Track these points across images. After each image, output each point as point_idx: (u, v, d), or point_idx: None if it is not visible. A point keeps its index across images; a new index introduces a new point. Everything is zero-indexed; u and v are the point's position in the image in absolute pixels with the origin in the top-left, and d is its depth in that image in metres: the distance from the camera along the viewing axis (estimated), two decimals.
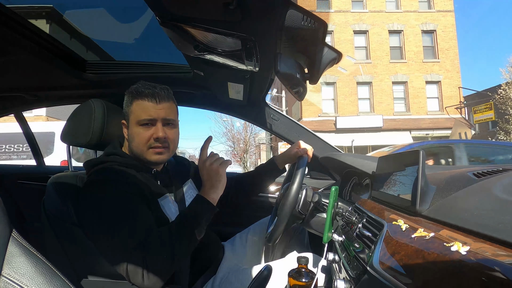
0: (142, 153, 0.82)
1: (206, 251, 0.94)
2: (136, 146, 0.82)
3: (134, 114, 0.81)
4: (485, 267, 0.33)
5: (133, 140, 0.82)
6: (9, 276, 0.38)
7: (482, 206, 0.45)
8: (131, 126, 0.82)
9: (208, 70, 1.03)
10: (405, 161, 0.69)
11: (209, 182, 0.81)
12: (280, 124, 1.45)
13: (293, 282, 0.70)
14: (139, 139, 0.81)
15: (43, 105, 1.56)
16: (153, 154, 0.82)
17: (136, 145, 0.82)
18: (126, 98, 0.84)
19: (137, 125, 0.81)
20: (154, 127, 0.81)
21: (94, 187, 0.76)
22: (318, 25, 0.59)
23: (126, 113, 0.84)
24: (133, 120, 0.82)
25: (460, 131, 8.43)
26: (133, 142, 0.82)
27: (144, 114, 0.80)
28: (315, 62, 0.71)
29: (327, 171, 1.48)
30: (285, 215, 0.84)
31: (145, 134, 0.80)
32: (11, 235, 0.41)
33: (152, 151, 0.82)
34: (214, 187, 0.81)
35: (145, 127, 0.81)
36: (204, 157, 0.84)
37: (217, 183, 0.81)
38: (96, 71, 1.24)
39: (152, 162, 0.84)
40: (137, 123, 0.81)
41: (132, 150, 0.84)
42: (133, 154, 0.84)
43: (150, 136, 0.81)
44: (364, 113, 13.57)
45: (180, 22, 0.68)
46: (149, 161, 0.83)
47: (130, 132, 0.83)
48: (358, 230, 0.68)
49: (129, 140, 0.84)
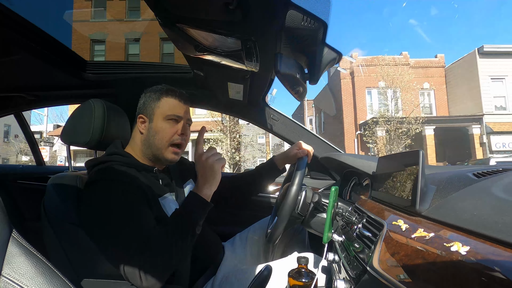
0: (161, 148, 0.85)
1: (206, 251, 0.94)
2: (158, 140, 0.85)
3: (162, 109, 0.85)
4: (485, 267, 0.33)
5: (157, 133, 0.85)
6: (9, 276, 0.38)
7: (482, 206, 0.45)
8: (156, 120, 0.85)
9: (208, 70, 1.03)
10: (405, 161, 0.69)
11: (204, 177, 0.79)
12: (280, 124, 1.45)
13: (293, 282, 0.70)
14: (164, 133, 0.84)
15: (43, 105, 1.56)
16: (171, 153, 0.86)
17: (159, 139, 0.84)
18: (151, 95, 0.88)
19: (164, 120, 0.85)
20: (179, 123, 0.87)
21: (95, 186, 0.76)
22: (318, 25, 0.59)
23: (149, 108, 0.87)
24: (159, 115, 0.85)
25: None
26: (156, 135, 0.85)
27: (173, 110, 0.86)
28: (315, 62, 0.71)
29: (327, 171, 1.48)
30: (285, 216, 0.84)
31: (170, 129, 0.85)
32: (11, 235, 0.41)
33: (171, 149, 0.86)
34: (208, 182, 0.79)
35: (172, 122, 0.86)
36: (200, 150, 0.82)
37: (211, 179, 0.79)
38: (96, 71, 1.24)
39: (168, 160, 0.87)
40: (165, 118, 0.85)
41: (151, 144, 0.86)
42: (150, 148, 0.86)
43: (175, 131, 0.85)
44: None
45: (180, 22, 0.68)
46: (165, 159, 0.86)
47: (154, 126, 0.85)
48: (358, 230, 0.68)
49: (150, 134, 0.86)
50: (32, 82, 1.30)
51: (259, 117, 1.45)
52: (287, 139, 1.46)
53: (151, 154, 0.87)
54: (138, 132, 0.88)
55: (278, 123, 1.45)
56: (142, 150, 0.88)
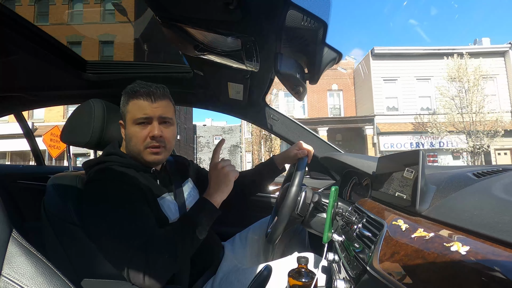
0: (139, 153, 0.82)
1: (206, 251, 0.94)
2: (133, 146, 0.82)
3: (130, 113, 0.81)
4: (485, 267, 0.33)
5: (130, 139, 0.82)
6: (9, 276, 0.38)
7: (482, 206, 0.45)
8: (128, 125, 0.82)
9: (208, 70, 1.03)
10: (405, 161, 0.69)
11: (216, 185, 0.80)
12: (280, 124, 1.45)
13: (293, 282, 0.70)
14: (136, 139, 0.81)
15: (43, 105, 1.56)
16: (150, 154, 0.82)
17: (134, 144, 0.82)
18: (123, 98, 0.84)
19: (134, 124, 0.81)
20: (150, 125, 0.81)
21: (94, 186, 0.76)
22: (318, 25, 0.59)
23: (123, 113, 0.84)
24: (129, 120, 0.82)
25: None
26: (131, 141, 0.82)
27: (139, 113, 0.80)
28: (315, 62, 0.70)
29: (327, 171, 1.48)
30: (285, 217, 0.84)
31: (141, 133, 0.80)
32: (11, 235, 0.41)
33: (149, 151, 0.82)
34: (220, 190, 0.80)
35: (142, 126, 0.81)
36: (216, 159, 0.83)
37: (224, 186, 0.80)
38: (96, 71, 1.24)
39: (149, 163, 0.84)
40: (134, 122, 0.81)
41: (130, 150, 0.84)
42: (131, 154, 0.84)
43: (147, 135, 0.81)
44: None
45: (180, 22, 0.68)
46: (146, 162, 0.84)
47: (127, 132, 0.83)
48: (358, 230, 0.68)
49: (127, 140, 0.84)
50: (32, 82, 1.30)
51: (259, 117, 1.45)
52: (287, 139, 1.46)
53: (135, 158, 0.85)
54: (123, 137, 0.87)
55: (278, 123, 1.45)
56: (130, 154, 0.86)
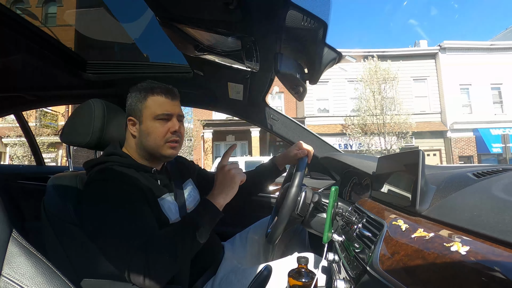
0: (158, 147, 0.83)
1: (206, 251, 0.94)
2: (152, 141, 0.83)
3: (150, 109, 0.83)
4: (485, 267, 0.33)
5: (149, 134, 0.83)
6: (9, 276, 0.38)
7: (482, 206, 0.45)
8: (146, 121, 0.83)
9: (208, 70, 1.03)
10: (405, 161, 0.69)
11: (221, 187, 0.81)
12: (280, 124, 1.45)
13: (293, 282, 0.70)
14: (157, 133, 0.83)
15: (43, 105, 1.56)
16: (169, 148, 0.84)
17: (153, 139, 0.83)
18: (136, 94, 0.85)
19: (154, 120, 0.83)
20: (170, 121, 0.84)
21: (95, 186, 0.76)
22: (318, 25, 0.59)
23: (138, 109, 0.84)
24: (148, 115, 0.83)
25: None
26: (149, 136, 0.83)
27: (161, 109, 0.83)
28: (315, 62, 0.71)
29: (327, 171, 1.48)
30: (284, 217, 0.84)
31: (162, 129, 0.83)
32: (11, 235, 0.41)
33: (168, 145, 0.84)
34: (224, 192, 0.80)
35: (162, 121, 0.83)
36: (225, 162, 0.84)
37: (229, 189, 0.81)
38: (96, 71, 1.24)
39: (166, 157, 0.86)
40: (154, 118, 0.83)
41: (145, 145, 0.84)
42: (145, 149, 0.85)
43: (167, 130, 0.83)
44: None
45: (180, 22, 0.68)
46: (163, 156, 0.85)
47: (144, 127, 0.83)
48: (358, 230, 0.68)
49: (142, 136, 0.84)
50: (32, 82, 1.30)
51: (259, 117, 1.45)
52: (287, 139, 1.46)
53: (147, 155, 0.86)
54: (131, 134, 0.87)
55: (278, 123, 1.45)
56: (138, 152, 0.87)
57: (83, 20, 1.10)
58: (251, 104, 1.38)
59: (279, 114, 1.46)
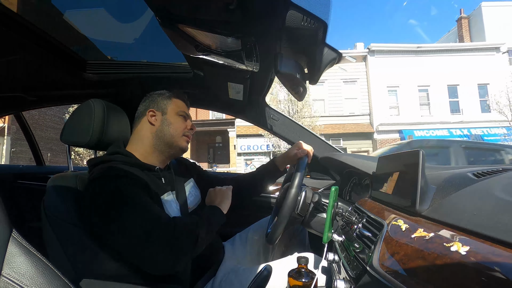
0: (176, 136, 0.92)
1: (207, 251, 0.94)
2: (173, 130, 0.92)
3: (174, 106, 0.95)
4: (485, 267, 0.33)
5: (171, 124, 0.92)
6: (9, 276, 0.38)
7: (482, 206, 0.45)
8: (170, 114, 0.93)
9: (208, 70, 1.03)
10: (405, 161, 0.69)
11: (219, 199, 0.94)
12: (280, 124, 1.45)
13: (293, 282, 0.70)
14: (178, 125, 0.94)
15: (43, 105, 1.56)
16: (185, 141, 0.95)
17: (174, 129, 0.92)
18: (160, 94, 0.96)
19: (177, 115, 0.94)
20: (187, 120, 0.98)
21: (100, 182, 0.75)
22: (318, 25, 0.59)
23: (162, 103, 0.94)
24: (173, 110, 0.94)
25: None
26: (171, 125, 0.92)
27: (183, 108, 0.97)
28: (315, 62, 0.70)
29: (327, 171, 1.48)
30: (284, 217, 0.84)
31: (184, 124, 0.95)
32: (11, 235, 0.41)
33: (185, 138, 0.95)
34: (223, 202, 0.93)
35: (183, 118, 0.96)
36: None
37: (225, 200, 0.95)
38: (96, 71, 1.24)
39: (181, 148, 0.94)
40: (177, 113, 0.95)
41: (165, 133, 0.91)
42: (163, 138, 0.91)
43: (186, 126, 0.96)
44: None
45: (180, 23, 0.68)
46: (178, 146, 0.93)
47: (169, 117, 0.93)
48: (358, 230, 0.68)
49: (164, 124, 0.92)
50: (32, 82, 1.30)
51: (259, 117, 1.45)
52: (287, 139, 1.46)
53: (163, 145, 0.91)
54: (147, 125, 0.91)
55: (278, 123, 1.45)
56: (152, 143, 0.90)
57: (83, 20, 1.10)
58: (251, 104, 1.38)
59: (279, 114, 1.46)
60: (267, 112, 1.44)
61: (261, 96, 1.34)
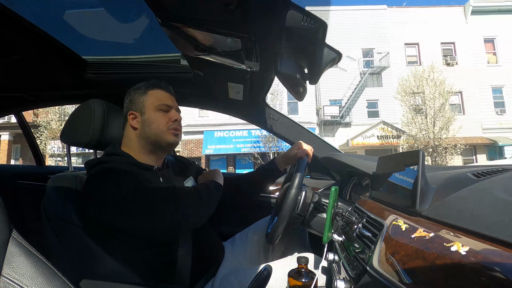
0: (161, 133, 0.88)
1: (207, 251, 0.94)
2: (155, 128, 0.88)
3: (151, 100, 0.89)
4: (485, 267, 0.33)
5: (152, 123, 0.88)
6: (9, 276, 0.38)
7: (482, 206, 0.45)
8: (148, 111, 0.88)
9: (208, 70, 1.03)
10: (405, 161, 0.69)
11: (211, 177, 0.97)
12: (280, 124, 1.45)
13: (293, 282, 0.70)
14: (160, 122, 0.88)
15: (43, 105, 1.56)
16: (172, 135, 0.90)
17: (156, 127, 0.88)
18: (137, 91, 0.91)
19: (155, 110, 0.89)
20: (170, 112, 0.91)
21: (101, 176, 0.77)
22: (318, 26, 0.59)
23: (139, 102, 0.89)
24: (150, 106, 0.89)
25: None
26: (152, 125, 0.88)
27: (162, 100, 0.90)
28: (315, 62, 0.70)
29: (327, 171, 1.48)
30: (285, 217, 0.84)
31: (164, 118, 0.89)
32: (11, 235, 0.41)
33: (171, 131, 0.89)
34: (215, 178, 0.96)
35: (163, 112, 0.89)
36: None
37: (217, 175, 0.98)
38: (96, 71, 1.24)
39: (170, 143, 0.90)
40: (156, 108, 0.89)
41: (148, 134, 0.88)
42: (149, 139, 0.88)
43: (168, 119, 0.90)
44: None
45: (180, 22, 0.68)
46: (167, 142, 0.89)
47: (147, 117, 0.88)
48: (358, 230, 0.68)
49: (145, 126, 0.88)
50: (32, 82, 1.30)
51: (259, 117, 1.45)
52: (287, 139, 1.46)
53: (150, 145, 0.89)
54: (131, 129, 0.90)
55: (278, 123, 1.45)
56: (140, 145, 0.89)
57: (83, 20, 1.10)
58: (251, 104, 1.38)
59: (279, 114, 1.46)
60: (267, 112, 1.44)
61: (261, 96, 1.34)
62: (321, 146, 1.42)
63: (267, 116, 1.44)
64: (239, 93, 1.21)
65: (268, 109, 1.44)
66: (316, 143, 1.39)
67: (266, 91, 1.27)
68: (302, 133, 1.44)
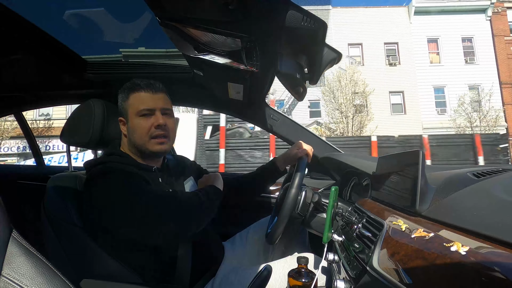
0: (144, 143, 0.83)
1: (207, 251, 0.94)
2: (138, 138, 0.83)
3: (133, 106, 0.83)
4: (485, 267, 0.33)
5: (134, 132, 0.83)
6: (9, 276, 0.38)
7: (482, 206, 0.45)
8: (131, 119, 0.84)
9: (208, 70, 1.03)
10: (405, 161, 0.68)
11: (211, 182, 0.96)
12: (280, 124, 1.45)
13: (293, 282, 0.70)
14: (141, 130, 0.82)
15: (43, 105, 1.56)
16: (156, 144, 0.83)
17: (138, 136, 0.83)
18: (121, 95, 0.86)
19: (137, 117, 0.83)
20: (153, 116, 0.83)
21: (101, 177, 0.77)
22: (318, 26, 0.59)
23: (123, 109, 0.85)
24: (132, 113, 0.83)
25: None
26: (135, 134, 0.83)
27: (142, 104, 0.83)
28: (315, 62, 0.70)
29: (327, 171, 1.48)
30: (285, 217, 0.84)
31: (145, 124, 0.82)
32: (11, 235, 0.41)
33: (154, 141, 0.83)
34: (215, 183, 0.94)
35: (145, 117, 0.83)
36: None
37: (217, 181, 0.96)
38: (96, 71, 1.24)
39: (155, 153, 0.86)
40: (137, 114, 0.83)
41: (134, 143, 0.84)
42: (135, 147, 0.85)
43: (151, 125, 0.82)
44: None
45: (180, 22, 0.68)
46: (152, 152, 0.85)
47: (131, 125, 0.84)
48: (358, 230, 0.68)
49: (130, 134, 0.85)
50: (32, 82, 1.30)
51: (259, 117, 1.45)
52: (287, 139, 1.46)
53: (138, 152, 0.86)
54: (123, 134, 0.89)
55: (278, 123, 1.45)
56: (132, 151, 0.88)
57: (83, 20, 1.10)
58: (251, 104, 1.38)
59: (279, 114, 1.45)
60: (267, 112, 1.44)
61: (261, 96, 1.34)
62: (321, 146, 1.42)
63: (267, 116, 1.44)
64: (239, 93, 1.21)
65: (268, 109, 1.44)
66: (316, 143, 1.39)
67: (266, 91, 1.27)
68: (302, 133, 1.44)
